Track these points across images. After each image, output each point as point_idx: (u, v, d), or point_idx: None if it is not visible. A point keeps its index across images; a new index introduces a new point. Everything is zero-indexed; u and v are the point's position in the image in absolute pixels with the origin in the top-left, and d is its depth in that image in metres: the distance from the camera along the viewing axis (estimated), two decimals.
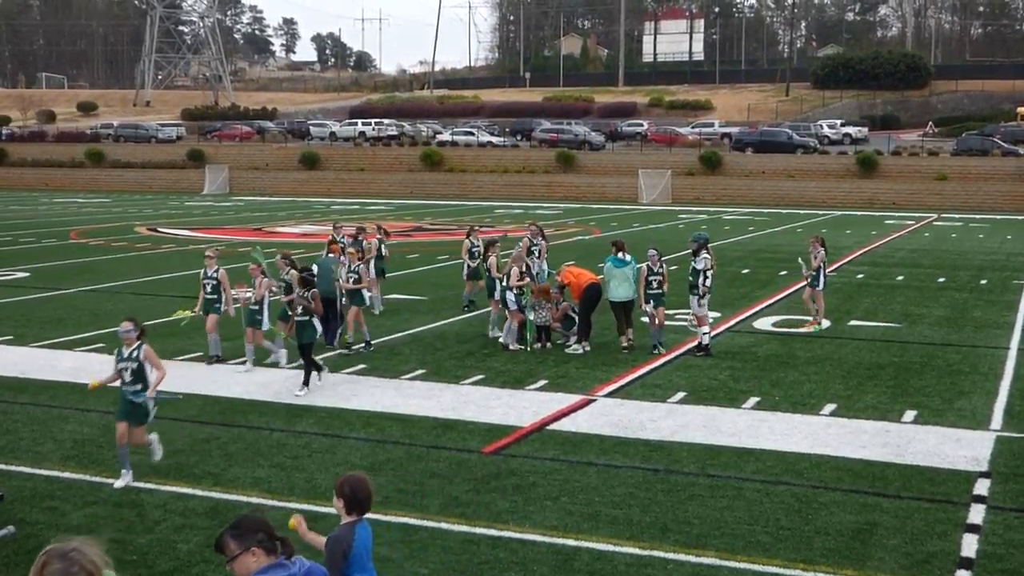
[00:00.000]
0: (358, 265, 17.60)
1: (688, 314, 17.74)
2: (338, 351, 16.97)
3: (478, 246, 21.00)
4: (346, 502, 5.94)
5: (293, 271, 15.65)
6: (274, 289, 16.60)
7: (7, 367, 15.73)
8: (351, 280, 17.15)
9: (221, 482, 10.69)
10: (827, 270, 20.39)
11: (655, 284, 17.13)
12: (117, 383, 10.63)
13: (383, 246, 22.17)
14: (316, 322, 14.43)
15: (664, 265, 17.44)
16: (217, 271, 16.42)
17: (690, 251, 17.68)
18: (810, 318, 19.75)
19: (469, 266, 21.24)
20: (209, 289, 16.34)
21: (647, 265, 17.30)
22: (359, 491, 5.93)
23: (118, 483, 10.47)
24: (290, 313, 14.88)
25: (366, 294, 17.93)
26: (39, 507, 9.99)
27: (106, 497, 10.32)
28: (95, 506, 10.06)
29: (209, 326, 16.20)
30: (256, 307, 15.89)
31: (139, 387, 10.48)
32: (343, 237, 23.32)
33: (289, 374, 15.54)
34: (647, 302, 17.17)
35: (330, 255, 18.96)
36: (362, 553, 6.04)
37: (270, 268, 16.43)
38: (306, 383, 14.21)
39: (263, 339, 16.16)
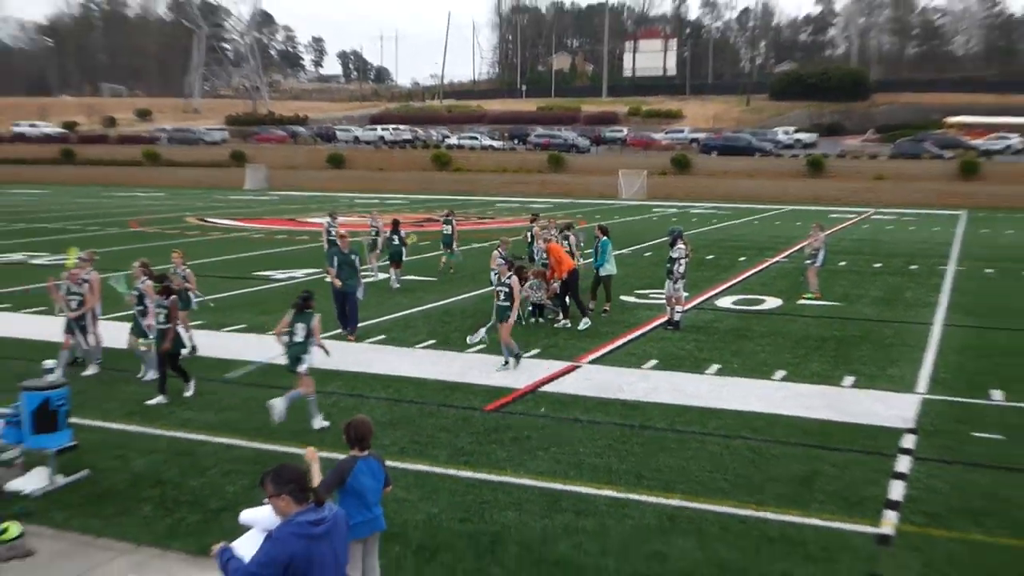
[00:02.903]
0: (185, 270, 14.59)
1: (663, 293, 17.82)
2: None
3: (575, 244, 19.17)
4: (352, 438, 6.35)
5: (149, 281, 13.27)
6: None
7: None
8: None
9: (263, 434, 10.78)
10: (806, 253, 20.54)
11: (502, 296, 13.89)
12: None
13: (394, 234, 22.04)
14: (180, 330, 12.53)
15: (513, 277, 14.05)
16: (90, 275, 13.80)
17: (667, 239, 17.61)
18: (811, 292, 20.56)
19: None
20: (75, 305, 13.38)
21: (496, 276, 14.42)
22: (359, 427, 6.36)
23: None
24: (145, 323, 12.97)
25: (193, 297, 15.19)
26: (108, 455, 10.10)
27: (164, 447, 10.43)
28: (155, 454, 10.17)
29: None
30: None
31: None
32: (335, 222, 23.30)
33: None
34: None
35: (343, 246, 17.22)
36: (362, 483, 6.25)
37: (127, 280, 14.32)
38: (161, 391, 12.15)
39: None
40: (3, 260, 26.62)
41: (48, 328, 15.34)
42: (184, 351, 12.93)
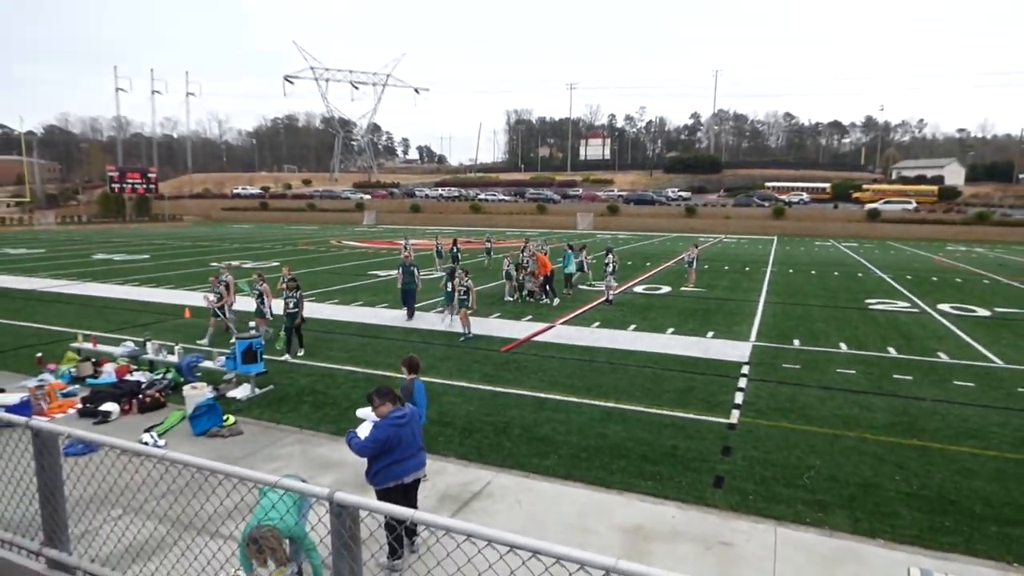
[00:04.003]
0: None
1: (603, 284, 17.65)
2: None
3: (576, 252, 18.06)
4: (408, 368, 6.19)
5: (264, 284, 12.12)
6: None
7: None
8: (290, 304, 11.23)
9: (371, 365, 10.63)
10: (686, 260, 20.23)
11: (463, 292, 12.70)
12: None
13: (455, 248, 21.95)
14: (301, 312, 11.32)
15: (470, 279, 12.96)
16: (226, 277, 12.44)
17: (603, 252, 17.46)
18: (690, 283, 20.29)
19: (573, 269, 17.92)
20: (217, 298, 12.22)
21: (457, 279, 12.85)
22: (412, 361, 6.21)
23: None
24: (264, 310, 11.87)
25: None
26: (284, 377, 10.01)
27: (314, 371, 10.32)
28: (310, 377, 10.08)
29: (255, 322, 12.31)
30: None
31: None
32: (409, 243, 22.99)
33: (402, 314, 15.43)
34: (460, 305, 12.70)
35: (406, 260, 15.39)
36: (418, 397, 6.18)
37: (248, 284, 12.96)
38: (301, 346, 11.31)
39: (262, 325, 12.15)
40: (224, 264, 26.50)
41: (244, 305, 15.23)
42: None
